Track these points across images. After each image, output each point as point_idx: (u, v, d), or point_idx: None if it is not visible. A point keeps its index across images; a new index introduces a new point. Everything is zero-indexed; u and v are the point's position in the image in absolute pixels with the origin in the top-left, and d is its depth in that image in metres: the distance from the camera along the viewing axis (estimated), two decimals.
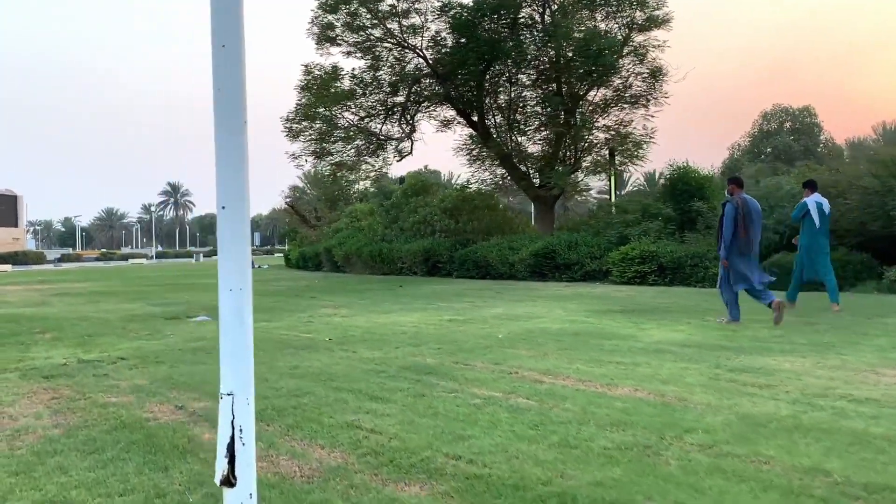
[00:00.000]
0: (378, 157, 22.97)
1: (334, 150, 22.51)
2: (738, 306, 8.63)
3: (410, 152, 22.55)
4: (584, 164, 21.29)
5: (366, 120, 21.82)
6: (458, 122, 22.86)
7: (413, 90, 20.80)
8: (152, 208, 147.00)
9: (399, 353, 6.82)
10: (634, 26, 20.41)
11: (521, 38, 20.56)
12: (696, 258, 15.86)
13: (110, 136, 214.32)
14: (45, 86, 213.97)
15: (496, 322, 9.16)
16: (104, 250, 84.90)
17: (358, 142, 22.03)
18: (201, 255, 70.81)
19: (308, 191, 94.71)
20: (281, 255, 71.75)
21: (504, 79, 21.66)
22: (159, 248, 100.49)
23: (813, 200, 9.91)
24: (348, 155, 22.72)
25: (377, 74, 21.31)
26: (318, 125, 21.70)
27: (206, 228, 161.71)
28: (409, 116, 21.92)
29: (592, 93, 21.03)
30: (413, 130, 22.21)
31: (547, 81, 20.81)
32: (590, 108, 20.93)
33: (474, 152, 23.11)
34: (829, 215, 10.06)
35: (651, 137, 20.52)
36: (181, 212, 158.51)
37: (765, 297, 8.50)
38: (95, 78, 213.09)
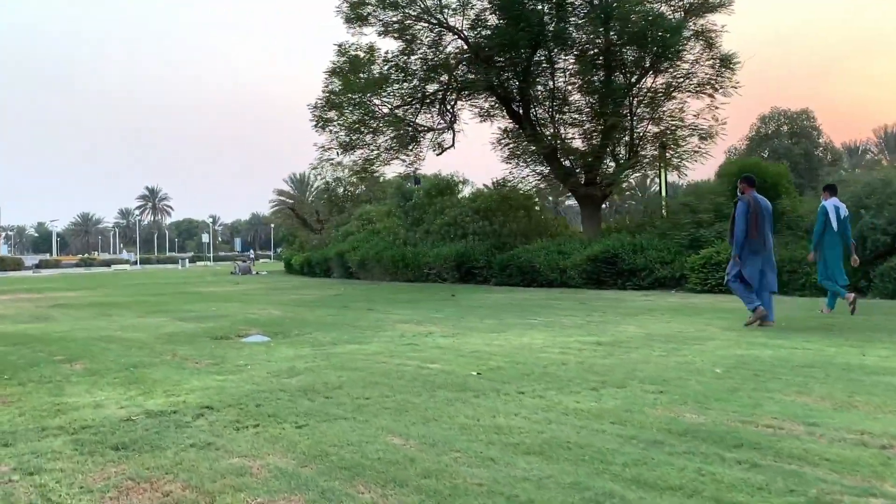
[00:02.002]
0: (410, 151, 20.80)
1: (365, 142, 20.30)
2: (754, 296, 8.47)
3: (452, 145, 20.49)
4: (642, 159, 19.32)
5: (401, 109, 19.67)
6: (494, 115, 20.80)
7: (454, 76, 18.69)
8: (135, 213, 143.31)
9: (617, 401, 4.78)
10: (691, 8, 18.56)
11: (569, 20, 18.60)
12: (794, 263, 13.97)
13: (85, 140, 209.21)
14: (14, 87, 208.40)
15: (661, 346, 7.15)
16: (85, 256, 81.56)
17: (390, 133, 19.88)
18: (186, 260, 68.02)
19: (294, 194, 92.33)
20: (266, 260, 69.21)
21: (546, 66, 19.67)
22: (134, 254, 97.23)
23: (831, 204, 10.00)
24: (379, 148, 20.52)
25: (412, 58, 19.18)
26: (348, 113, 19.53)
27: (183, 233, 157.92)
28: (448, 105, 19.83)
29: (648, 81, 19.13)
30: (454, 121, 20.10)
31: (595, 68, 18.85)
32: (646, 97, 19.00)
33: (512, 146, 21.06)
34: (847, 219, 10.13)
35: (721, 129, 18.66)
36: (159, 216, 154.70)
37: (749, 301, 8.51)
38: (69, 79, 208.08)
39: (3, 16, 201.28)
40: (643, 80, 19.20)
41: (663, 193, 21.23)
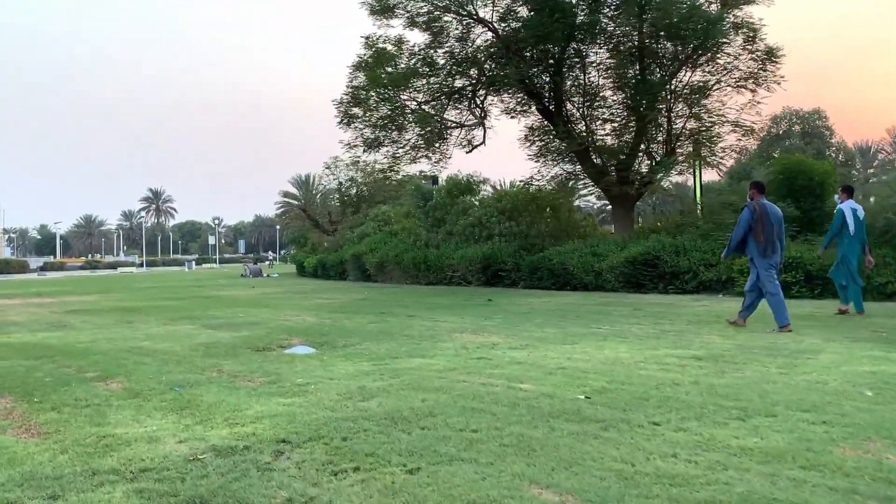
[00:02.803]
0: (437, 148, 19.95)
1: (391, 139, 19.46)
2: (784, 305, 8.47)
3: (483, 142, 19.64)
4: (678, 157, 18.46)
5: (429, 105, 18.83)
6: (523, 112, 19.97)
7: (484, 70, 17.84)
8: (141, 215, 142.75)
9: (781, 435, 3.99)
10: (729, 0, 17.74)
11: (603, 11, 17.77)
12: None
13: (88, 141, 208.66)
14: (16, 88, 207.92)
15: (769, 361, 6.37)
16: (90, 258, 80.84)
17: (417, 130, 19.05)
18: (193, 262, 67.22)
19: (306, 194, 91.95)
20: (270, 262, 68.36)
21: (577, 60, 18.84)
22: (137, 256, 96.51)
23: (848, 206, 9.97)
24: (406, 145, 19.67)
25: (440, 52, 18.34)
26: (373, 109, 18.69)
27: (186, 235, 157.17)
28: (478, 100, 18.99)
29: (685, 76, 18.29)
30: (485, 116, 19.27)
31: (629, 62, 18.02)
32: (683, 92, 18.15)
33: (541, 144, 20.23)
34: (864, 221, 10.10)
35: (762, 124, 17.80)
36: (162, 218, 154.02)
37: (745, 310, 8.74)
38: (71, 80, 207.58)
39: (4, 16, 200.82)
40: (680, 75, 18.37)
41: (698, 193, 20.41)
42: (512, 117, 20.00)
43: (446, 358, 6.84)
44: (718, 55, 17.44)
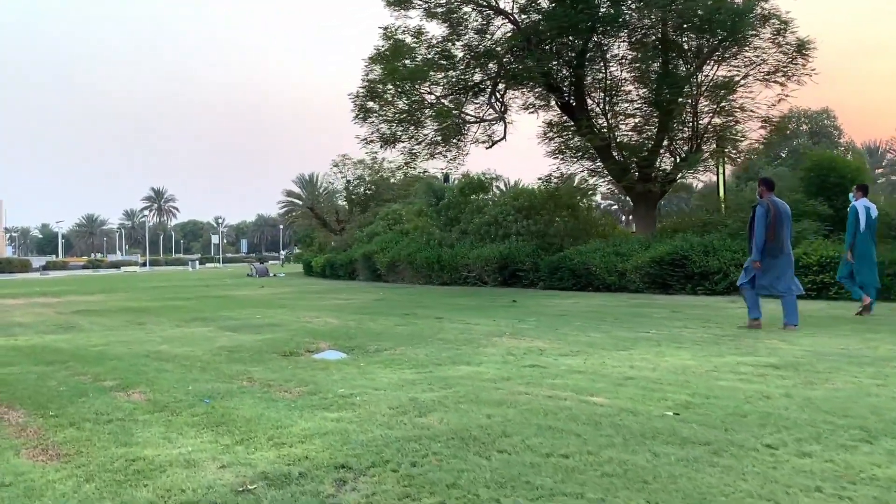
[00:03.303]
0: (454, 144, 19.33)
1: (409, 135, 18.86)
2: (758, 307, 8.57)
3: (504, 137, 19.03)
4: (703, 154, 17.86)
5: (448, 98, 18.23)
6: (542, 107, 19.37)
7: (504, 63, 17.24)
8: (144, 214, 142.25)
9: None
10: None
11: (626, 2, 17.18)
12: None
13: (89, 141, 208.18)
14: (17, 87, 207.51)
15: (855, 370, 5.81)
16: (92, 257, 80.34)
17: (434, 125, 18.45)
18: (196, 262, 66.64)
19: (314, 193, 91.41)
20: (276, 262, 67.86)
21: (598, 53, 18.25)
22: (140, 256, 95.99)
23: (862, 204, 9.87)
24: (422, 142, 19.06)
25: (458, 44, 17.74)
26: (392, 103, 18.09)
27: (188, 235, 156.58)
28: (498, 94, 18.39)
29: (710, 70, 17.70)
30: (505, 111, 18.68)
31: (653, 56, 17.42)
32: (709, 87, 17.55)
33: (558, 140, 19.64)
34: (877, 220, 10.06)
35: (794, 119, 17.21)
36: (164, 218, 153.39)
37: (755, 309, 8.57)
38: (72, 79, 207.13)
39: (5, 15, 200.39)
40: (705, 69, 17.78)
41: (721, 190, 19.84)
42: (530, 112, 19.45)
43: (495, 365, 6.27)
44: (746, 48, 16.85)
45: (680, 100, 17.84)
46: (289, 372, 6.19)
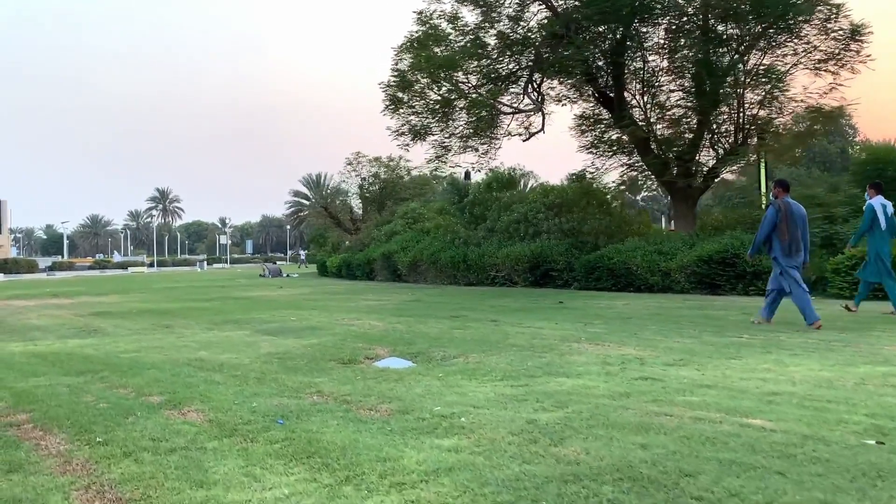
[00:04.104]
0: (487, 136, 18.44)
1: (439, 126, 17.97)
2: (772, 308, 8.63)
3: (542, 129, 18.14)
4: (747, 148, 16.96)
5: (483, 88, 17.34)
6: (579, 98, 18.48)
7: (541, 52, 16.33)
8: (152, 214, 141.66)
9: None
10: None
11: None
12: None
13: (94, 141, 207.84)
14: (20, 87, 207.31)
15: None
16: (99, 258, 79.66)
17: (466, 118, 17.57)
18: (204, 263, 65.86)
19: (311, 195, 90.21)
20: (283, 263, 67.03)
21: (635, 42, 17.35)
22: (145, 256, 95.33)
23: (878, 202, 9.69)
24: (454, 135, 18.18)
25: (492, 31, 16.85)
26: (421, 94, 17.21)
27: (193, 235, 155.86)
28: (535, 84, 17.50)
29: (758, 59, 16.81)
30: (543, 101, 17.76)
31: (698, 44, 16.53)
32: (755, 76, 16.65)
33: (593, 134, 18.76)
34: (894, 217, 9.76)
35: (850, 109, 16.35)
36: (169, 219, 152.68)
37: (767, 310, 8.65)
38: (75, 79, 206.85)
39: (9, 16, 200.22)
40: (751, 58, 16.89)
41: (762, 186, 18.96)
42: (563, 105, 18.57)
43: (598, 377, 5.41)
44: (795, 35, 15.95)
45: (723, 90, 16.97)
46: (361, 384, 5.34)
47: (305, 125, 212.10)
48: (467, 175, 24.92)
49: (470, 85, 17.32)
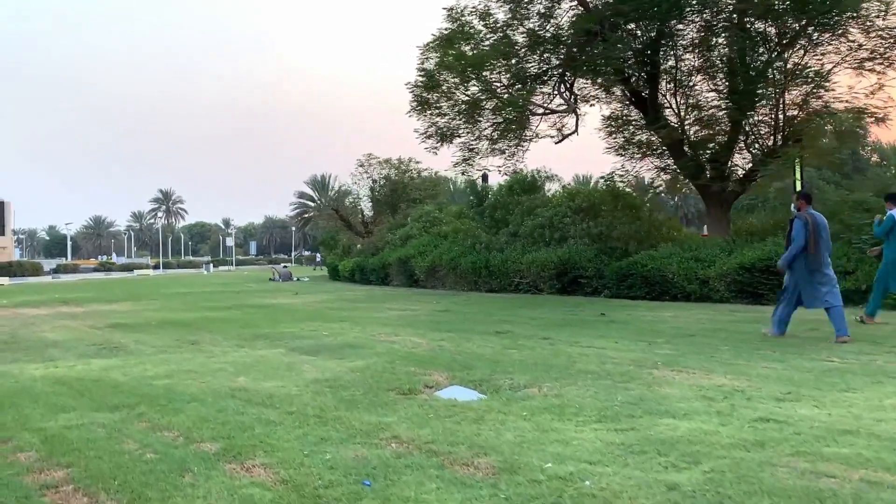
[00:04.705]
0: (516, 137, 17.75)
1: (466, 128, 17.29)
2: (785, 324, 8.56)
3: (575, 130, 17.47)
4: (790, 148, 16.26)
5: (513, 88, 16.64)
6: (610, 99, 17.79)
7: (573, 50, 15.62)
8: (158, 215, 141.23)
9: None
10: None
11: None
12: None
13: (96, 142, 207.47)
14: (24, 87, 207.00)
15: None
16: (103, 260, 79.09)
17: (494, 119, 16.88)
18: (210, 265, 65.21)
19: (317, 197, 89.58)
20: (288, 265, 66.38)
21: (668, 40, 16.66)
22: (151, 258, 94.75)
23: None
24: (481, 137, 17.50)
25: (521, 29, 16.17)
26: (448, 94, 16.54)
27: (195, 237, 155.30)
28: (567, 84, 16.82)
29: (801, 57, 16.11)
30: (576, 102, 17.08)
31: (739, 41, 15.83)
32: (796, 75, 15.96)
33: (625, 135, 18.07)
34: None
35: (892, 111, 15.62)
36: (172, 220, 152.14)
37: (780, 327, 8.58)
38: (77, 80, 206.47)
39: (9, 16, 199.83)
40: (791, 55, 16.21)
41: (798, 188, 18.26)
42: (591, 105, 17.88)
43: (711, 418, 4.73)
44: (840, 33, 15.26)
45: (760, 90, 16.29)
46: (438, 426, 4.67)
47: (308, 126, 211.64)
48: (485, 178, 24.17)
49: (502, 85, 16.64)
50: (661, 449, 4.03)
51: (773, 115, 16.63)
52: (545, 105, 17.27)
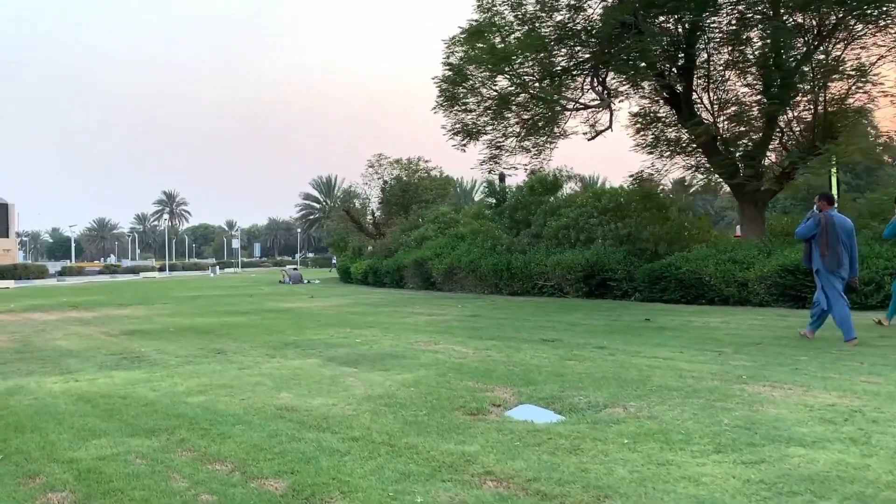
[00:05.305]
0: (545, 134, 17.07)
1: (493, 125, 16.62)
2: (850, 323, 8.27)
3: (609, 126, 16.81)
4: (830, 144, 15.59)
5: (544, 83, 15.94)
6: (634, 94, 17.12)
7: (607, 43, 14.92)
8: (165, 217, 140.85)
9: None
10: None
11: None
12: None
13: (100, 144, 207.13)
14: (27, 90, 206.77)
15: None
16: (109, 262, 78.54)
17: (523, 115, 16.21)
18: (217, 267, 64.59)
19: (322, 199, 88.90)
20: (292, 267, 65.77)
21: (705, 33, 15.99)
22: (155, 260, 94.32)
23: None
24: (507, 134, 16.82)
25: (549, 22, 15.50)
26: (474, 90, 15.88)
27: (199, 239, 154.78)
28: (600, 77, 16.15)
29: (841, 51, 15.45)
30: (610, 96, 16.40)
31: (782, 33, 15.16)
32: (836, 68, 15.28)
33: (654, 132, 17.40)
34: None
35: None
36: (176, 222, 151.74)
37: (813, 323, 8.67)
38: (80, 81, 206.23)
39: (9, 16, 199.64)
40: (830, 49, 15.55)
41: (834, 189, 17.62)
42: (621, 101, 17.20)
43: (845, 446, 4.09)
44: (886, 23, 14.60)
45: (797, 85, 15.64)
46: (532, 457, 4.03)
47: (311, 127, 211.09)
48: (502, 178, 23.53)
49: (532, 78, 15.97)
50: (815, 489, 3.39)
51: (811, 111, 15.97)
52: (576, 100, 16.59)
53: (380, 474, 3.77)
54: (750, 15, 15.61)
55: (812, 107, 15.82)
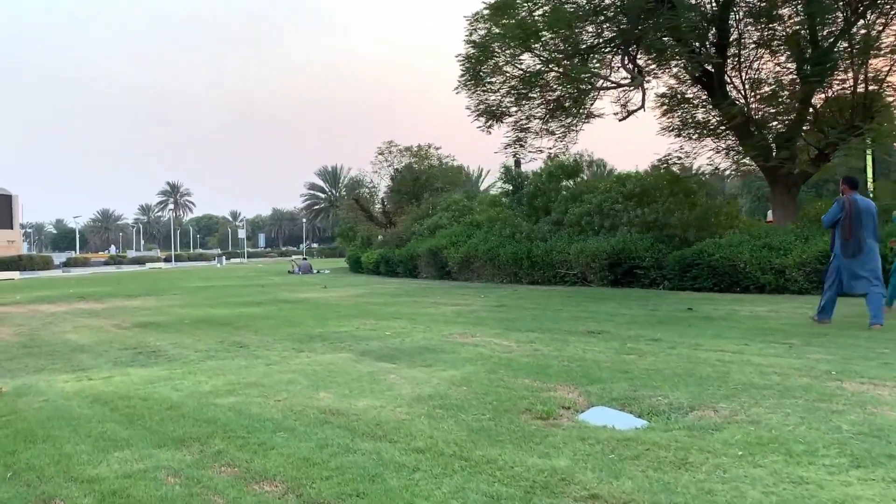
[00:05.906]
0: (573, 114, 16.34)
1: (518, 106, 15.89)
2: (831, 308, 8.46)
3: (642, 106, 16.08)
4: (868, 127, 14.86)
5: (573, 60, 15.18)
6: (678, 75, 16.32)
7: (640, 17, 14.13)
8: (170, 208, 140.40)
9: None
10: None
11: None
12: None
13: (103, 135, 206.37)
14: (32, 81, 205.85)
15: None
16: (114, 253, 78.04)
17: (550, 95, 15.50)
18: (223, 258, 64.00)
19: (328, 188, 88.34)
20: (298, 257, 65.11)
21: (739, 10, 15.21)
22: (160, 251, 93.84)
23: None
24: (536, 115, 16.08)
25: None
26: (500, 68, 15.15)
27: (203, 229, 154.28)
28: (631, 55, 15.40)
29: (881, 28, 14.71)
30: (642, 75, 15.66)
31: (819, 9, 14.41)
32: (869, 46, 14.53)
33: (681, 114, 16.68)
34: None
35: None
36: (180, 212, 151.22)
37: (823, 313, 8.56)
38: (87, 73, 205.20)
39: (19, 11, 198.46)
40: (871, 24, 14.80)
41: (870, 174, 16.92)
42: (648, 81, 16.44)
43: None
44: None
45: (832, 63, 14.90)
46: (637, 474, 3.41)
47: (316, 117, 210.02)
48: (517, 163, 22.84)
49: (561, 56, 15.23)
50: None
51: (851, 89, 15.24)
52: (607, 77, 15.86)
53: (463, 497, 3.15)
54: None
55: (852, 84, 15.07)
